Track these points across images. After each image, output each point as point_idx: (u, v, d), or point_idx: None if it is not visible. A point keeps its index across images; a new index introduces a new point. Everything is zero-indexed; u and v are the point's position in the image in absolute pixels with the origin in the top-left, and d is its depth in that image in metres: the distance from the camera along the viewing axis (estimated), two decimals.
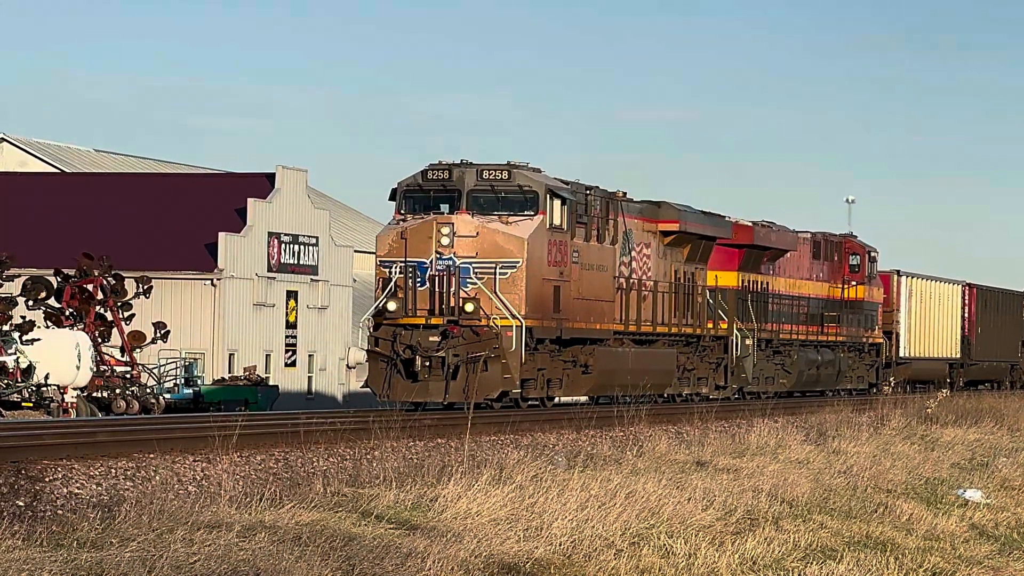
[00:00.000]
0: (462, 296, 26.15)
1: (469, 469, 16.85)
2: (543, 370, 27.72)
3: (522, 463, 17.56)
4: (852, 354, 45.25)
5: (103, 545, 10.91)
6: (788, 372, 39.35)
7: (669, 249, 32.89)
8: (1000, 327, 59.52)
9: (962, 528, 18.95)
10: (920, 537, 17.89)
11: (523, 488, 15.15)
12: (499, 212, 26.79)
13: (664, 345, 32.51)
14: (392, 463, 17.96)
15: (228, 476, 15.90)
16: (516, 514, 14.31)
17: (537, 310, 26.78)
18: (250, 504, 13.46)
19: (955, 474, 24.69)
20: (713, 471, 19.33)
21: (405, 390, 26.33)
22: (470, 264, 26.44)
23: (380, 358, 26.58)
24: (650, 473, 17.24)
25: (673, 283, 32.91)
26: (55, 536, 11.25)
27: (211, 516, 12.46)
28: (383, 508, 13.95)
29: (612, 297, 29.80)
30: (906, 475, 23.02)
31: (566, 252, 27.70)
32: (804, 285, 41.24)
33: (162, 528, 11.66)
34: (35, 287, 41.19)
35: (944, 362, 54.75)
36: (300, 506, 13.49)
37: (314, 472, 17.48)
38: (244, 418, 21.79)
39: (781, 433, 25.79)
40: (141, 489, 15.12)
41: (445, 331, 25.96)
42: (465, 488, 14.90)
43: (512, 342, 26.09)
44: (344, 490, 15.11)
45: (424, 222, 26.76)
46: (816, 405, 35.00)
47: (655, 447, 21.75)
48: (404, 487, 15.31)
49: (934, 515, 19.34)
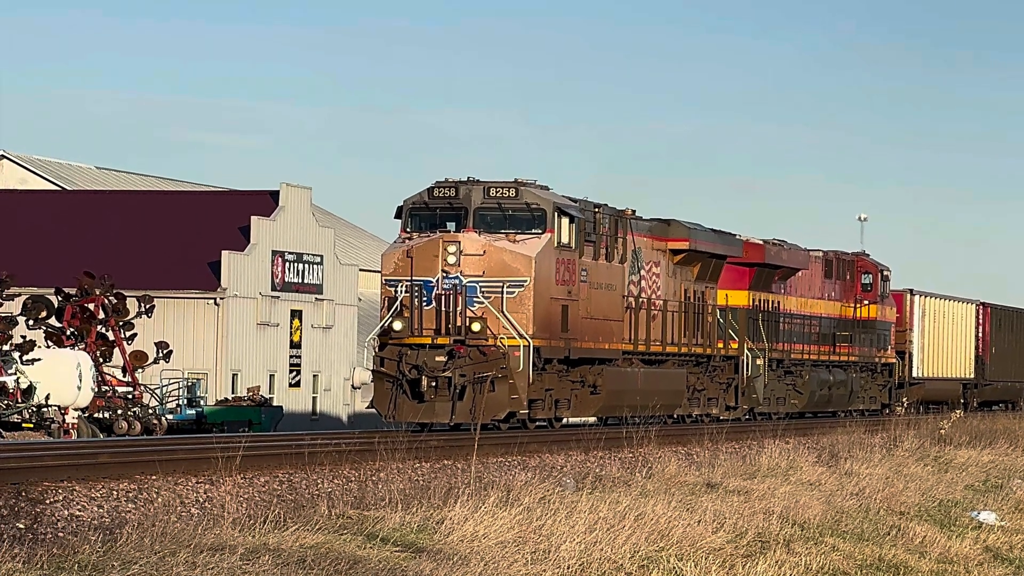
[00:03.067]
0: (469, 315, 25.91)
1: (476, 491, 16.69)
2: (551, 391, 27.49)
3: (530, 485, 17.41)
4: (865, 374, 44.92)
5: (105, 568, 10.79)
6: (800, 392, 39.04)
7: (679, 268, 32.68)
8: (1015, 347, 59.50)
9: (976, 551, 18.84)
10: (934, 560, 17.80)
11: (531, 510, 14.97)
12: (506, 230, 26.57)
13: (673, 365, 32.33)
14: (398, 485, 17.84)
15: (232, 498, 15.79)
16: (524, 536, 14.16)
17: (545, 329, 26.57)
18: (254, 527, 13.32)
19: (969, 496, 24.55)
20: (724, 493, 19.19)
21: (411, 411, 26.07)
22: (477, 283, 26.22)
23: (386, 378, 26.33)
24: (660, 495, 17.06)
25: (683, 302, 32.74)
26: (55, 559, 11.13)
27: (214, 538, 12.31)
28: (388, 531, 13.81)
29: (621, 316, 29.58)
30: (919, 497, 22.85)
31: (574, 271, 27.50)
32: (816, 304, 40.97)
33: (165, 551, 11.50)
34: (35, 306, 41.01)
35: (958, 382, 54.43)
36: (305, 528, 13.34)
37: (319, 494, 17.34)
38: (247, 439, 21.58)
39: (793, 454, 25.65)
40: (143, 511, 15.00)
41: (451, 351, 25.72)
42: (472, 510, 14.70)
43: (520, 362, 25.83)
44: (349, 512, 14.94)
45: (430, 240, 26.56)
46: (828, 426, 35.30)
47: (665, 468, 21.56)
48: (410, 509, 15.13)
49: (948, 537, 19.23)
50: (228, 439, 22.20)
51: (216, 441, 20.52)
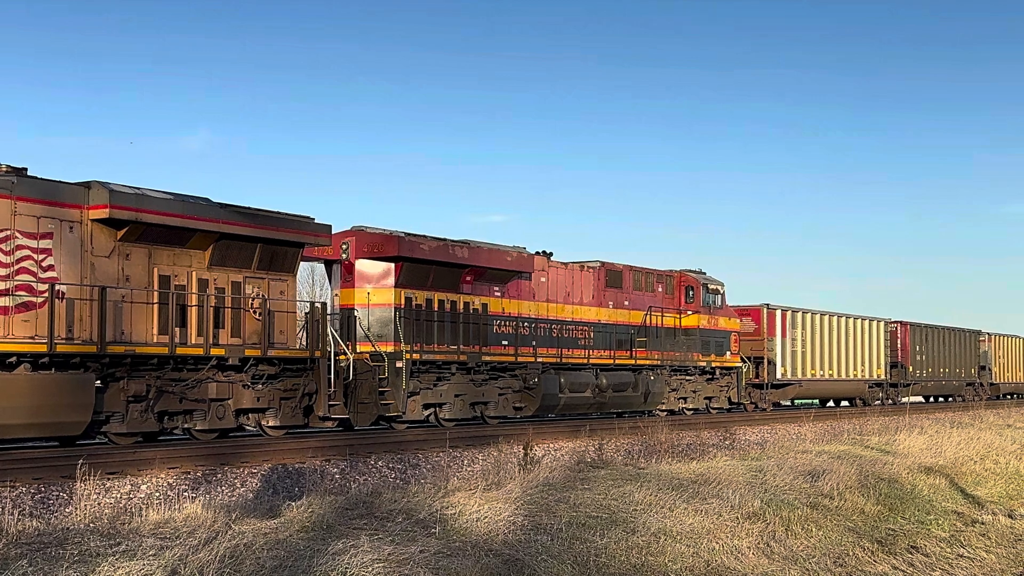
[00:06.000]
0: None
1: (908, 428, 36.48)
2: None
3: (932, 427, 37.27)
4: (690, 377, 44.56)
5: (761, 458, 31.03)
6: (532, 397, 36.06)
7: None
8: (931, 354, 67.00)
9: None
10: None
11: (931, 436, 34.08)
12: None
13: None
14: (875, 424, 38.06)
15: (808, 431, 36.37)
16: (930, 447, 30.83)
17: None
18: (824, 441, 33.34)
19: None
20: (1013, 429, 38.46)
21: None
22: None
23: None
24: (986, 430, 36.45)
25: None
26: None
27: (803, 447, 32.15)
28: (873, 443, 32.15)
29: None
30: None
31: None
32: (585, 311, 39.46)
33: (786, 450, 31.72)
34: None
35: (862, 383, 58.76)
36: (838, 443, 32.59)
37: (844, 429, 37.59)
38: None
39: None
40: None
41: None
42: (905, 437, 33.95)
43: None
44: (855, 437, 34.86)
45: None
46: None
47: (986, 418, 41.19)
48: (881, 436, 34.98)
49: None
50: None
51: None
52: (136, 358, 24.61)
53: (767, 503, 18.30)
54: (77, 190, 24.32)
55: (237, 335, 27.22)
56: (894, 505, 20.71)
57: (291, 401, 28.07)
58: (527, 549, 13.37)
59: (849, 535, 17.43)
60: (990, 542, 18.16)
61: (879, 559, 16.17)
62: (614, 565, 13.43)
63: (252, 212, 27.52)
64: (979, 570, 16.15)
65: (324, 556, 11.90)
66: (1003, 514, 20.93)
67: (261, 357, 27.08)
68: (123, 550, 11.64)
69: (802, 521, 17.51)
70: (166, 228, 25.48)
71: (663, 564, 13.84)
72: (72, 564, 11.01)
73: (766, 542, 15.85)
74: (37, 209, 23.54)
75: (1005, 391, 78.66)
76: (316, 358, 28.38)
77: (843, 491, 20.67)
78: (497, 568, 12.49)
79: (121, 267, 25.05)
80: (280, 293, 28.43)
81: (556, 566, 12.95)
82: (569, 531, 14.51)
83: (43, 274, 23.51)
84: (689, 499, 17.62)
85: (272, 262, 28.17)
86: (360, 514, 14.57)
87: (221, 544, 11.80)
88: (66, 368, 23.31)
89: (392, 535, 13.22)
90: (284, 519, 14.01)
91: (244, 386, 27.00)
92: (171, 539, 12.31)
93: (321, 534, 13.16)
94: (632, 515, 16.02)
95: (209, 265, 26.77)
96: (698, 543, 15.03)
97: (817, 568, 15.08)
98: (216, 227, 26.36)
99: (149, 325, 25.43)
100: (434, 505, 15.08)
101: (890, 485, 22.61)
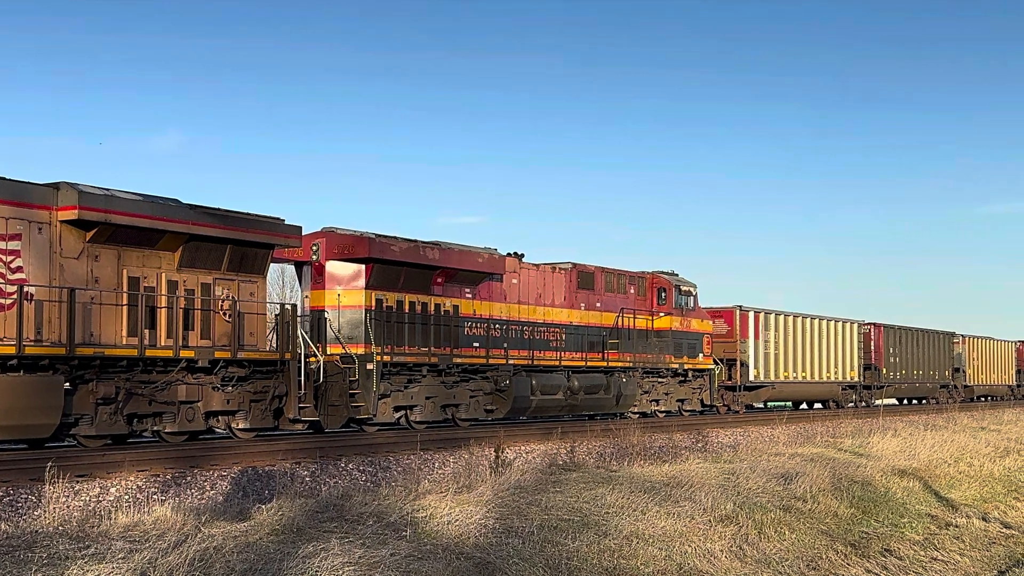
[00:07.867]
0: None
1: (881, 430, 36.54)
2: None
3: (902, 427, 37.29)
4: (663, 379, 44.32)
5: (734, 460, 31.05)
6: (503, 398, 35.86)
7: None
8: (904, 356, 66.68)
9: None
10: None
11: (905, 439, 34.26)
12: None
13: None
14: (847, 427, 38.11)
15: (781, 433, 36.41)
16: (904, 449, 31.18)
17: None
18: (798, 444, 33.47)
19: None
20: (987, 431, 38.56)
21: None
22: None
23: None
24: (959, 432, 36.49)
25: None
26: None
27: (776, 450, 32.26)
28: (847, 446, 32.34)
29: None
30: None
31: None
32: (557, 313, 39.23)
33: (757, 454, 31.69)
34: None
35: (835, 384, 58.57)
36: (812, 446, 32.87)
37: (818, 431, 37.62)
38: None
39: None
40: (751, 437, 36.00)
41: None
42: (879, 439, 34.02)
43: None
44: (828, 439, 34.93)
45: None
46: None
47: (960, 421, 41.26)
48: (854, 438, 35.00)
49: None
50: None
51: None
52: (105, 360, 24.44)
53: (740, 506, 18.26)
54: (46, 191, 24.14)
55: (207, 337, 27.06)
56: (867, 508, 20.72)
57: (261, 403, 27.94)
58: (498, 552, 13.28)
59: (822, 538, 17.41)
60: (964, 545, 18.17)
61: (852, 562, 16.14)
62: (586, 568, 13.36)
63: (222, 213, 27.37)
64: (953, 573, 16.14)
65: (294, 559, 11.79)
66: (977, 517, 20.97)
67: (231, 359, 26.94)
68: (92, 553, 11.52)
69: (775, 524, 17.47)
70: (135, 229, 25.32)
71: (635, 567, 13.77)
72: (41, 567, 10.91)
73: (739, 545, 15.80)
74: (5, 210, 23.35)
75: (979, 393, 78.97)
76: (286, 360, 28.25)
77: (816, 494, 20.66)
78: (468, 571, 12.40)
79: (90, 268, 24.86)
80: (250, 295, 28.28)
81: (528, 569, 12.86)
82: (541, 534, 14.43)
83: (11, 275, 23.32)
84: (661, 502, 17.56)
85: (242, 263, 27.95)
86: (331, 517, 14.47)
87: (191, 547, 11.68)
88: (35, 370, 23.12)
89: (363, 538, 13.12)
90: (254, 522, 13.89)
91: (214, 388, 26.85)
92: (140, 542, 12.19)
93: (291, 537, 13.05)
94: (604, 518, 15.95)
95: (179, 266, 26.61)
96: (670, 546, 14.97)
97: (790, 571, 15.04)
98: (186, 228, 26.20)
99: (118, 327, 25.26)
100: (405, 508, 14.98)
101: (863, 488, 22.63)
